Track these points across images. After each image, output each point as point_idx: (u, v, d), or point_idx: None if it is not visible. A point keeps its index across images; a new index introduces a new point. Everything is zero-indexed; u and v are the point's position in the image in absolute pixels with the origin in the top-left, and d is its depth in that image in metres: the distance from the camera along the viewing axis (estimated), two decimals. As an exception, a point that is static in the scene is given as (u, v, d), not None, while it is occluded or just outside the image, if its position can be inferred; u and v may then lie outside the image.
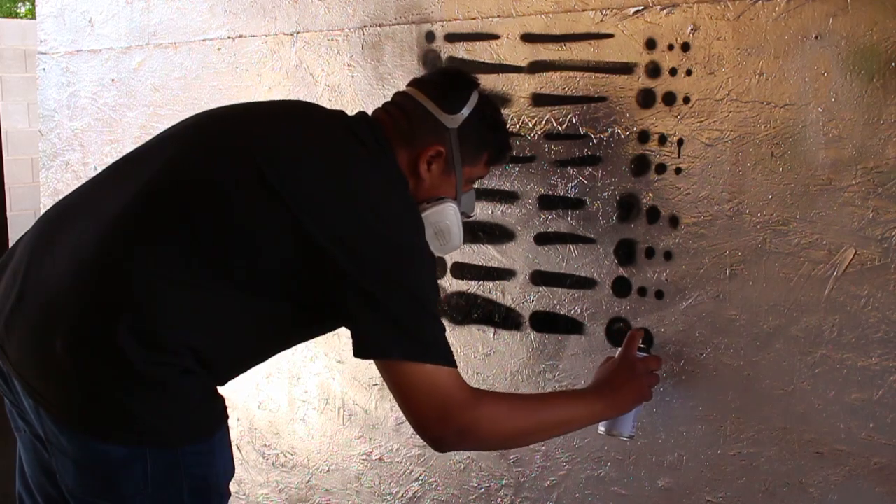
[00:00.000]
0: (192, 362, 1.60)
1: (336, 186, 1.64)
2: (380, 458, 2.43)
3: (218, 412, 1.69)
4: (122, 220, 1.62)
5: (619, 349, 1.93)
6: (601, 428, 1.93)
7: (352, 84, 2.38)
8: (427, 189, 1.82)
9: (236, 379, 1.76)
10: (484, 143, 1.87)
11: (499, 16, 2.13)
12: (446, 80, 1.90)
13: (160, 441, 1.59)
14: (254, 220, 1.61)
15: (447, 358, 1.65)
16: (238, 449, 2.67)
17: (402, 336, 1.62)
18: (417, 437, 1.70)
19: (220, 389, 1.71)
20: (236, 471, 1.96)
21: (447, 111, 1.81)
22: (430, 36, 2.24)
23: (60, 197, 1.87)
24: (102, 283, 1.58)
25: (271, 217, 1.60)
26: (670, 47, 1.91)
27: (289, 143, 1.70)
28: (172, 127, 1.82)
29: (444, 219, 1.84)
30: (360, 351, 1.65)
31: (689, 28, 1.89)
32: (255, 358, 1.80)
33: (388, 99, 1.90)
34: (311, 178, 1.64)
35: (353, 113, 1.86)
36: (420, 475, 2.37)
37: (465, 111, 1.82)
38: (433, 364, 1.63)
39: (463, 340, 2.25)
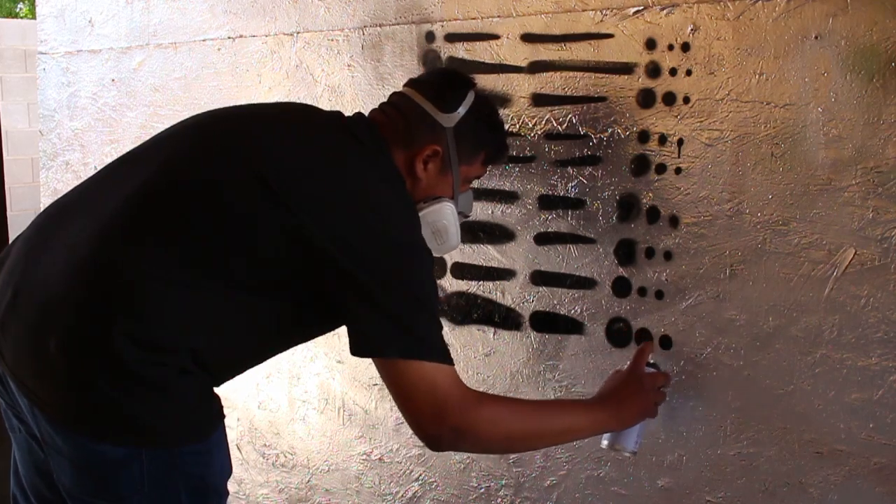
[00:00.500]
0: (190, 363, 1.60)
1: (334, 186, 1.64)
2: (380, 458, 2.43)
3: (215, 412, 1.68)
4: (120, 220, 1.62)
5: (628, 363, 1.93)
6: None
7: (352, 84, 2.38)
8: (424, 189, 1.82)
9: (236, 379, 1.76)
10: (481, 143, 1.87)
11: (499, 16, 2.13)
12: (442, 79, 1.90)
13: (157, 441, 1.59)
14: (253, 221, 1.61)
15: (443, 356, 1.65)
16: (238, 449, 2.66)
17: (398, 334, 1.62)
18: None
19: (219, 389, 1.71)
20: (236, 471, 1.96)
21: (443, 111, 1.81)
22: (430, 36, 2.24)
23: (60, 197, 1.87)
24: (99, 282, 1.58)
25: (270, 217, 1.60)
26: (670, 47, 1.91)
27: (287, 143, 1.70)
28: (171, 127, 1.82)
29: (441, 218, 1.84)
30: (356, 349, 1.65)
31: (689, 28, 1.89)
32: (254, 358, 1.80)
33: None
34: (309, 179, 1.64)
35: (351, 114, 1.86)
36: (420, 475, 2.37)
37: (462, 110, 1.82)
38: (429, 362, 1.63)
39: (463, 340, 2.25)
